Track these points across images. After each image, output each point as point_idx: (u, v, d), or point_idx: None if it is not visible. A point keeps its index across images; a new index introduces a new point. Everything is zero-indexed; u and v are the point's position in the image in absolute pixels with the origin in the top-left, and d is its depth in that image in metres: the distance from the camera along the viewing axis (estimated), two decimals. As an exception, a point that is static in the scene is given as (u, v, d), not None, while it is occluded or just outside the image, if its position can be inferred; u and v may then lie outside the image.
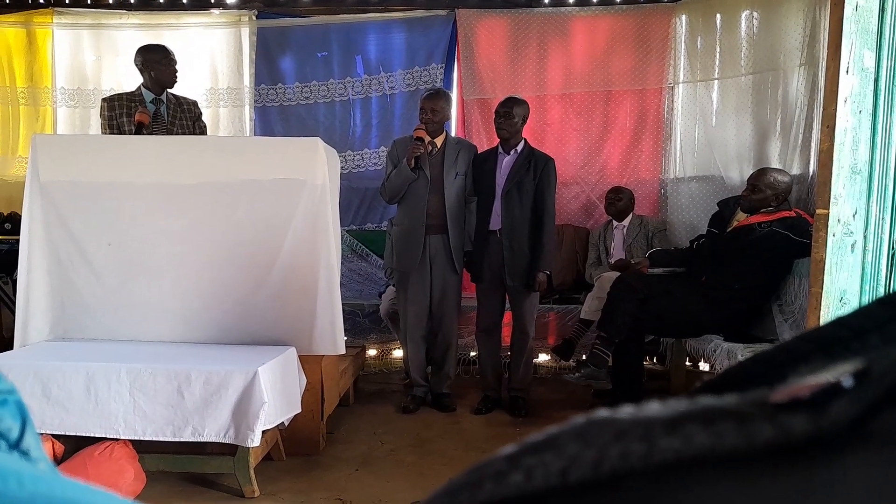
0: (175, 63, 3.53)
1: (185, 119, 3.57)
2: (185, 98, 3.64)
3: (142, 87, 3.51)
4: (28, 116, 4.92)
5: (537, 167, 3.49)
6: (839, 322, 0.21)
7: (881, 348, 0.20)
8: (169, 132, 3.46)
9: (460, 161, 3.56)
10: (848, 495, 0.17)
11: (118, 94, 3.59)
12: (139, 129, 3.32)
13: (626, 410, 0.20)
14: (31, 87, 4.89)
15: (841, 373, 0.18)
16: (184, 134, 3.52)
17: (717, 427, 0.18)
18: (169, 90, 3.55)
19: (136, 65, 3.52)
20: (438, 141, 3.54)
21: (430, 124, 3.47)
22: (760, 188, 3.30)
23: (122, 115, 3.46)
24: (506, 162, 3.55)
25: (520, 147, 3.55)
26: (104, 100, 3.54)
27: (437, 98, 3.53)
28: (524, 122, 3.56)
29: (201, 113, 3.70)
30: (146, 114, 3.36)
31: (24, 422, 0.32)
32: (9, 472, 0.23)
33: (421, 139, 3.42)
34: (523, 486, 0.20)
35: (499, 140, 3.60)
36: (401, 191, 3.51)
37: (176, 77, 3.54)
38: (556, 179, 3.57)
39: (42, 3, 4.87)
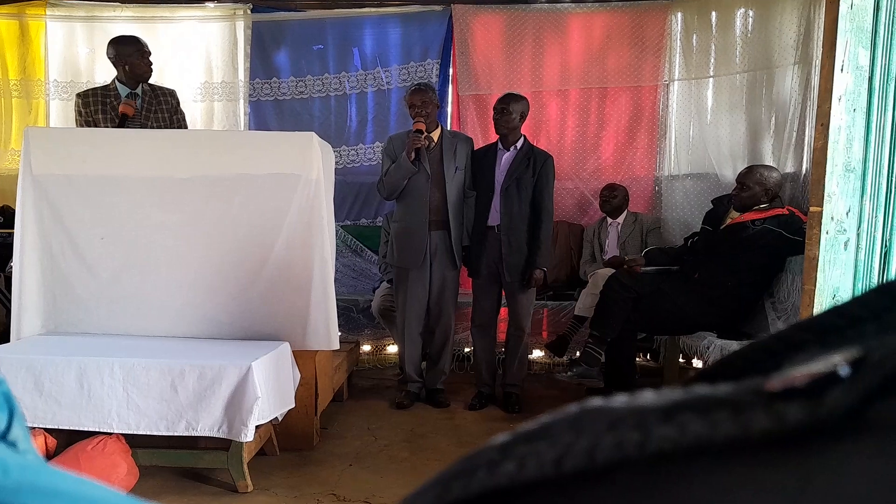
0: (149, 55, 3.40)
1: (162, 112, 3.43)
2: (161, 88, 3.50)
3: (116, 81, 3.39)
4: (20, 109, 4.89)
5: (536, 164, 3.49)
6: (836, 311, 0.21)
7: (878, 337, 0.19)
8: (143, 126, 3.33)
9: (459, 154, 3.54)
10: (844, 484, 0.16)
11: (92, 90, 3.45)
12: (123, 121, 3.24)
13: (620, 399, 0.20)
14: (24, 79, 4.86)
15: (837, 361, 0.18)
16: (160, 127, 3.38)
17: (712, 416, 0.18)
18: (144, 83, 3.41)
19: (109, 58, 3.39)
20: (434, 135, 3.52)
21: (424, 118, 3.44)
22: (749, 185, 3.31)
23: (96, 111, 3.34)
24: (505, 158, 3.54)
25: (519, 143, 3.55)
26: (78, 95, 3.43)
27: (422, 91, 3.49)
28: (523, 118, 3.54)
29: (178, 102, 3.54)
30: (130, 105, 3.27)
31: (12, 413, 0.32)
32: (-6, 460, 0.23)
33: (420, 131, 3.40)
34: (516, 475, 0.19)
35: (498, 136, 3.60)
36: (400, 186, 3.49)
37: (150, 70, 3.40)
38: (554, 177, 3.57)
39: (35, -5, 4.83)
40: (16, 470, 0.23)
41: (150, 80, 3.46)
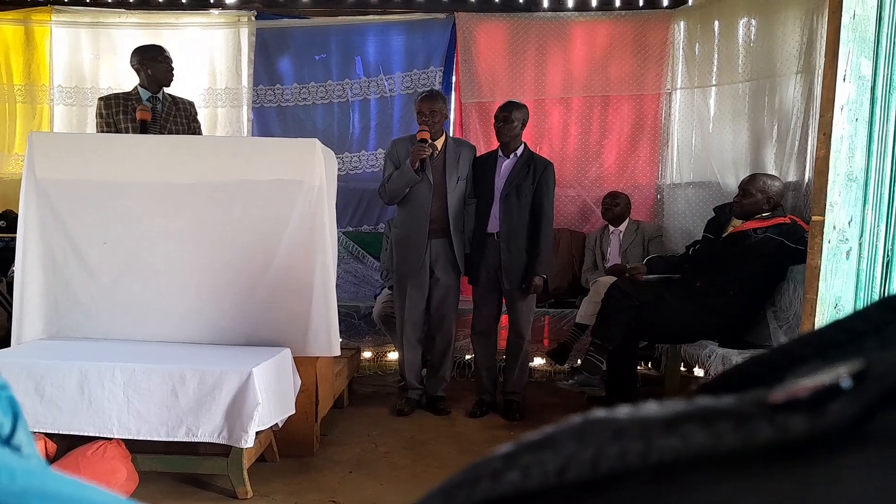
0: (171, 62, 3.56)
1: (181, 118, 3.59)
2: (181, 98, 3.67)
3: (138, 87, 3.53)
4: (25, 114, 4.91)
5: (536, 171, 3.49)
6: (837, 325, 0.21)
7: (879, 350, 0.20)
8: (163, 130, 3.48)
9: (462, 163, 3.55)
10: (846, 495, 0.16)
11: (115, 94, 3.62)
12: (143, 126, 3.35)
13: (624, 410, 0.20)
14: (29, 84, 4.88)
15: (839, 374, 0.18)
16: (179, 133, 3.53)
17: (715, 427, 0.18)
18: (166, 89, 3.57)
19: (133, 66, 3.56)
20: (438, 143, 3.52)
21: (430, 126, 3.45)
22: (751, 192, 3.31)
23: (118, 112, 3.47)
24: (505, 165, 3.55)
25: (519, 151, 3.56)
26: (101, 99, 3.57)
27: (433, 99, 3.49)
28: (523, 126, 3.56)
29: (197, 113, 3.74)
30: (147, 110, 3.39)
31: (16, 418, 0.32)
32: (0, 466, 0.23)
33: (425, 140, 3.40)
34: (520, 484, 0.19)
35: (498, 143, 3.61)
36: (402, 193, 3.50)
37: (172, 75, 3.56)
38: (554, 184, 3.57)
39: (41, 1, 4.86)
40: (21, 475, 0.23)
41: (169, 91, 3.62)
